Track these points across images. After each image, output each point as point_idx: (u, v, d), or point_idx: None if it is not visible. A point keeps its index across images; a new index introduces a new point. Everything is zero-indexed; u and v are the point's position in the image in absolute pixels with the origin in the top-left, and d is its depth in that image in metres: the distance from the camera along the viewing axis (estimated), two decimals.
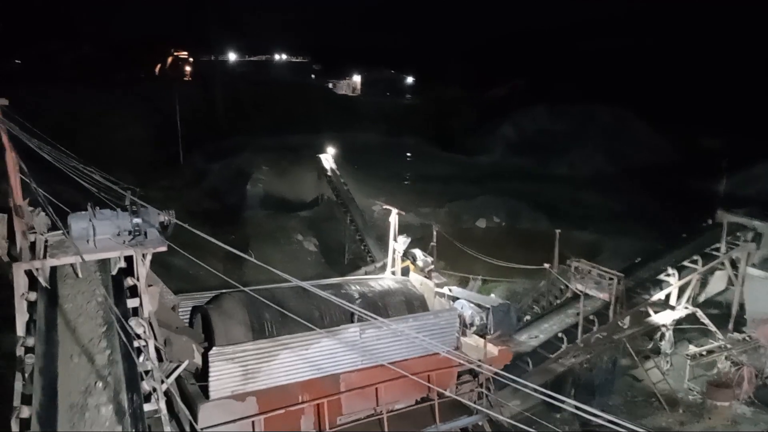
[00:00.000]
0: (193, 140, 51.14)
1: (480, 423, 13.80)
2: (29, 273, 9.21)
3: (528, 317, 23.23)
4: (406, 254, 17.17)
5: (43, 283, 9.19)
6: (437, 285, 16.08)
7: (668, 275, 23.28)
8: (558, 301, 23.15)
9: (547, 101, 67.67)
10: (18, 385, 7.75)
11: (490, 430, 13.79)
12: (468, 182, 48.78)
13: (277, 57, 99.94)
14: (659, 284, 23.44)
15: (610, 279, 20.05)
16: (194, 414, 10.88)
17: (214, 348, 11.36)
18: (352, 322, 12.90)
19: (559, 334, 20.66)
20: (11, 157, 9.61)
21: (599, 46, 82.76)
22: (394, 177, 48.56)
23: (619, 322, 20.97)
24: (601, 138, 60.47)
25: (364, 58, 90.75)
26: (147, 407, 7.74)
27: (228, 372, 11.39)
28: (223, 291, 13.34)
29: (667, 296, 23.29)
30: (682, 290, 23.42)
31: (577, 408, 6.22)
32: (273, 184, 43.03)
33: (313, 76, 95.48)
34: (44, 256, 9.43)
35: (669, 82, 68.68)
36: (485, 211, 42.22)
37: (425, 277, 16.05)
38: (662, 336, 22.90)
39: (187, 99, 54.27)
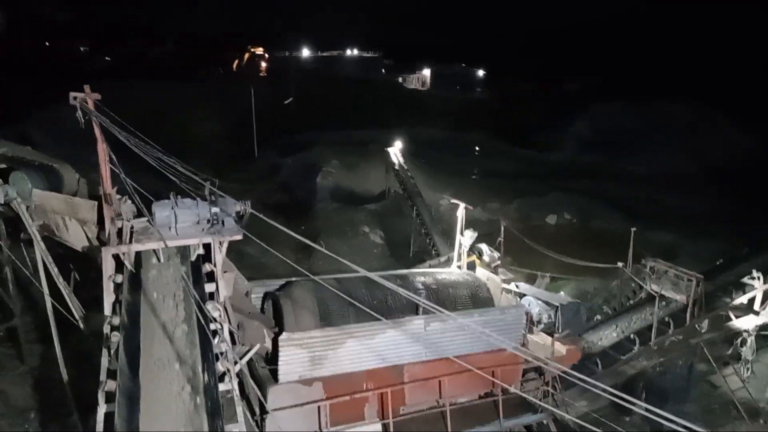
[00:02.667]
0: (266, 135, 52.81)
1: (545, 422, 13.55)
2: (116, 257, 9.88)
3: (598, 317, 22.46)
4: (473, 249, 17.04)
5: (129, 267, 9.84)
6: (504, 281, 15.88)
7: (752, 278, 21.85)
8: (631, 302, 22.24)
9: (624, 97, 64.83)
10: (104, 361, 8.34)
11: (555, 430, 13.51)
12: (538, 179, 47.64)
13: (348, 52, 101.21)
14: (742, 288, 22.03)
15: (689, 280, 19.04)
16: (264, 396, 11.35)
17: (283, 333, 11.75)
18: (417, 314, 12.98)
19: (632, 336, 19.87)
20: (102, 149, 10.30)
21: (681, 39, 78.35)
22: (461, 172, 48.15)
23: (696, 326, 19.88)
24: (681, 136, 57.37)
25: (434, 53, 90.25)
26: (220, 387, 8.14)
27: (296, 357, 11.74)
28: (293, 279, 13.76)
29: (751, 300, 21.86)
30: (767, 295, 21.93)
31: (648, 411, 5.98)
32: (342, 177, 43.76)
33: (383, 71, 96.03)
34: (130, 241, 10.08)
35: (756, 77, 64.06)
36: (555, 209, 41.12)
37: (492, 272, 15.89)
38: (743, 342, 21.53)
39: (261, 95, 56.02)
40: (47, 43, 71.47)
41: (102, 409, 7.57)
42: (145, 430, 7.11)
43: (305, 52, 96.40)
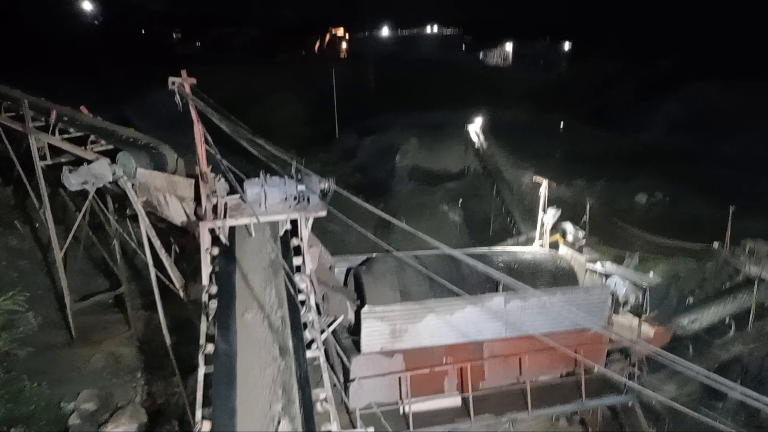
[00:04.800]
0: (346, 117, 53.58)
1: (630, 403, 13.20)
2: (212, 231, 10.58)
3: (691, 299, 21.34)
4: (556, 228, 16.66)
5: (223, 240, 10.49)
6: (589, 260, 15.45)
7: None
8: (727, 284, 20.95)
9: (720, 75, 59.89)
10: (203, 326, 9.01)
11: (641, 412, 13.14)
12: (625, 161, 45.32)
13: (428, 30, 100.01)
14: None
15: None
16: (348, 365, 11.84)
17: (365, 306, 12.13)
18: (497, 291, 12.96)
19: (727, 320, 18.77)
20: (199, 130, 10.96)
21: None
22: (543, 154, 46.66)
23: None
24: None
25: (516, 28, 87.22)
26: (307, 354, 8.59)
27: (378, 329, 12.11)
28: (374, 255, 14.10)
29: None
30: None
31: (746, 396, 5.70)
32: (420, 157, 43.76)
33: (463, 48, 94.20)
34: (224, 217, 10.73)
35: None
36: (644, 190, 39.11)
37: (576, 252, 15.50)
38: None
39: (342, 76, 56.75)
40: (143, 31, 75.76)
41: (202, 370, 8.20)
42: (240, 390, 7.65)
43: (385, 32, 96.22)
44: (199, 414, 7.35)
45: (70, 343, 15.63)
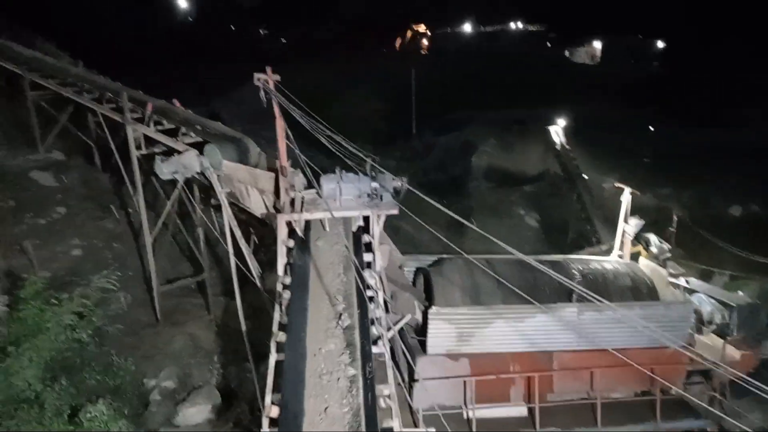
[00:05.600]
0: (425, 113, 53.52)
1: (708, 429, 12.43)
2: (289, 224, 10.94)
3: None
4: (638, 238, 15.92)
5: (299, 233, 10.84)
6: (672, 275, 14.67)
7: None
8: None
9: None
10: (276, 315, 9.34)
11: None
12: (721, 164, 42.42)
13: (512, 26, 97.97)
14: None
15: None
16: (413, 365, 11.89)
17: (433, 307, 12.13)
18: (570, 301, 12.57)
19: None
20: (280, 125, 11.35)
21: None
22: (631, 154, 44.56)
23: None
24: None
25: (606, 24, 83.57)
26: (373, 350, 8.71)
27: (444, 332, 12.09)
28: (445, 256, 14.05)
29: None
30: None
31: None
32: (497, 157, 42.98)
33: (548, 44, 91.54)
34: (301, 211, 11.08)
35: None
36: (741, 198, 36.41)
37: (658, 265, 14.74)
38: None
39: (422, 73, 56.76)
40: (233, 27, 79.01)
41: (273, 357, 8.51)
42: (309, 377, 7.90)
43: (467, 28, 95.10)
44: (268, 399, 7.63)
45: (154, 324, 16.62)
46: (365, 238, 11.05)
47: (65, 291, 12.66)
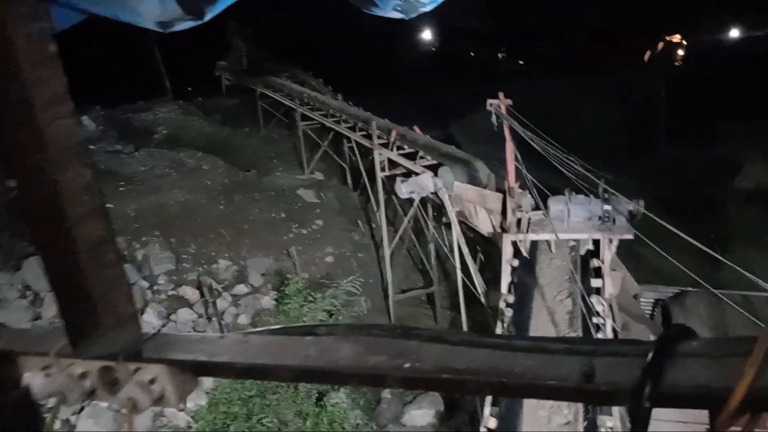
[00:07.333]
0: (672, 128, 48.45)
1: None
2: (514, 243, 11.17)
3: None
4: None
5: (524, 253, 11.00)
6: None
7: None
8: None
9: None
10: (498, 332, 9.63)
11: None
12: None
13: None
14: None
15: None
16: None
17: None
18: None
19: None
20: (510, 148, 11.71)
21: None
22: None
23: None
24: None
25: None
26: None
27: None
28: (689, 289, 12.73)
29: None
30: None
31: None
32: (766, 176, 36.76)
33: None
34: (527, 231, 11.22)
35: None
36: None
37: None
38: None
39: (670, 85, 51.64)
40: (472, 53, 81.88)
41: None
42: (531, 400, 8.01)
43: (734, 33, 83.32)
44: (487, 410, 7.96)
45: None
46: (594, 262, 10.69)
47: (319, 291, 14.78)
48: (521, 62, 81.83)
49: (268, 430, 10.97)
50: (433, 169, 14.27)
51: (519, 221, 11.49)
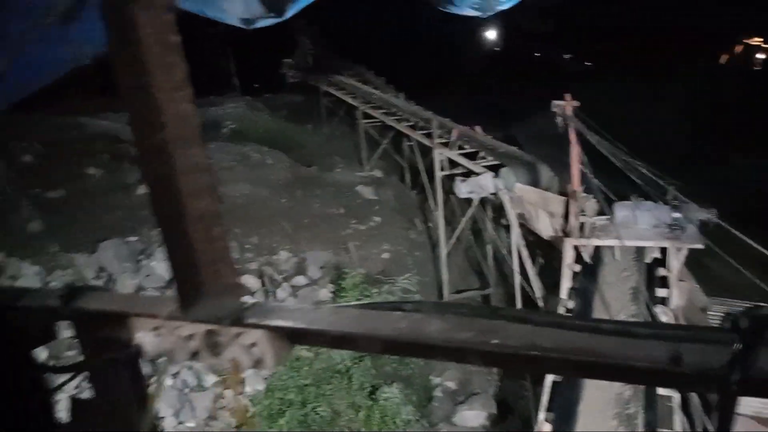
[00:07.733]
0: (749, 135, 45.88)
1: None
2: (576, 248, 10.95)
3: None
4: None
5: (586, 259, 10.76)
6: None
7: None
8: None
9: None
10: None
11: None
12: None
13: None
14: None
15: None
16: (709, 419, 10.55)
17: None
18: None
19: None
20: (575, 151, 11.47)
21: None
22: None
23: None
24: None
25: None
26: (660, 390, 8.12)
27: None
28: (761, 304, 12.06)
29: None
30: None
31: None
32: None
33: None
34: (590, 236, 10.97)
35: None
36: None
37: None
38: None
39: (750, 90, 48.89)
40: (537, 54, 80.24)
41: (550, 377, 8.68)
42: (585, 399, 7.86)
43: None
44: (542, 415, 7.87)
45: None
46: (660, 271, 10.34)
47: (375, 286, 14.95)
48: (588, 64, 79.57)
49: (322, 418, 11.21)
50: (494, 169, 14.14)
51: (582, 226, 11.25)
